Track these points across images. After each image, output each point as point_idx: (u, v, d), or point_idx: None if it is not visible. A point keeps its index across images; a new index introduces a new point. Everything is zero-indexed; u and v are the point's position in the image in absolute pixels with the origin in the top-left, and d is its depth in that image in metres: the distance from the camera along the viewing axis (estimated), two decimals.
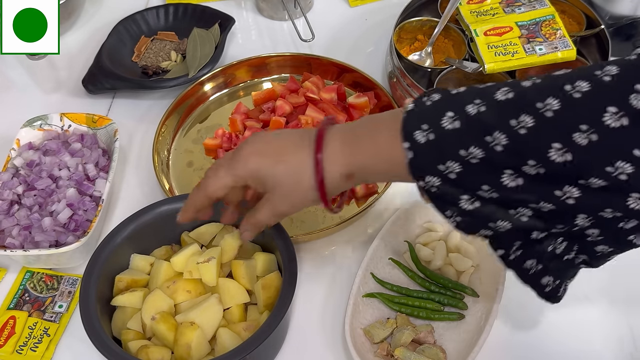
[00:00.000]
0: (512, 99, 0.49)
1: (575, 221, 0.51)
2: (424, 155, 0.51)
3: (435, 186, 0.52)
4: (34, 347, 0.72)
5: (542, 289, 0.58)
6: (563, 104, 0.47)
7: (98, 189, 0.81)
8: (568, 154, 0.47)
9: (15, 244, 0.76)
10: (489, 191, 0.51)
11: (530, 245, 0.55)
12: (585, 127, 0.46)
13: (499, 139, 0.48)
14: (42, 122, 0.88)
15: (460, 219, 0.53)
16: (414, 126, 0.52)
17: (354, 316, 0.70)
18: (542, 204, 0.50)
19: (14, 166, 0.84)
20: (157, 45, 1.05)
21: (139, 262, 0.72)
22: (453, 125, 0.50)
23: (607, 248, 0.54)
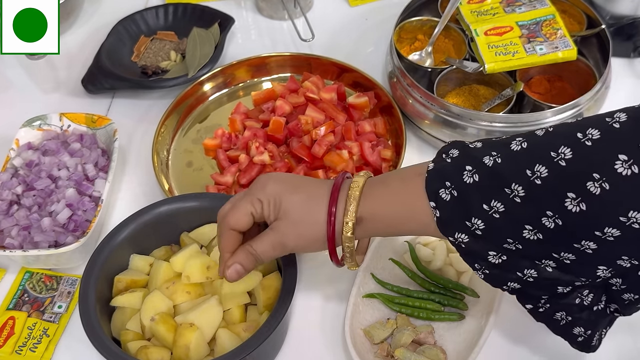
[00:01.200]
0: (526, 148, 0.51)
1: (597, 272, 0.52)
2: (452, 213, 0.53)
3: (464, 243, 0.54)
4: (33, 348, 0.72)
5: (574, 339, 0.58)
6: (575, 152, 0.48)
7: (97, 189, 0.80)
8: (582, 204, 0.48)
9: (14, 244, 0.76)
10: (513, 244, 0.52)
11: (557, 298, 0.56)
12: (598, 176, 0.47)
13: (517, 190, 0.50)
14: (41, 122, 0.88)
15: (489, 272, 0.55)
16: (438, 185, 0.53)
17: (354, 317, 0.70)
18: (564, 255, 0.51)
19: (13, 166, 0.84)
20: (157, 45, 1.04)
21: (138, 263, 0.72)
22: (473, 179, 0.52)
23: (633, 295, 0.55)
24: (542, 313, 0.58)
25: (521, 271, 0.54)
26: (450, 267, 0.75)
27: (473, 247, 0.54)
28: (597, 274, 0.52)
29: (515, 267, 0.54)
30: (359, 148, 0.85)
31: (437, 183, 0.53)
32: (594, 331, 0.58)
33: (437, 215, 0.53)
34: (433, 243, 0.77)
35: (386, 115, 0.91)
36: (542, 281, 0.54)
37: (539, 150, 0.50)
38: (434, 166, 0.55)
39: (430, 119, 0.87)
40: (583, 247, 0.50)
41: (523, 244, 0.52)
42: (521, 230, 0.51)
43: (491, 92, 0.92)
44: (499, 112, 0.85)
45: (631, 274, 0.53)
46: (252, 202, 0.58)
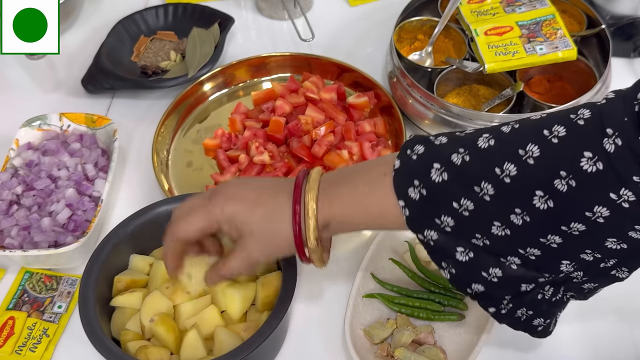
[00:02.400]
0: (493, 146, 0.51)
1: (560, 267, 0.53)
2: (421, 212, 0.54)
3: (433, 240, 0.54)
4: (33, 348, 0.72)
5: (534, 330, 0.59)
6: (542, 150, 0.49)
7: (97, 189, 0.80)
8: (550, 201, 0.49)
9: (14, 244, 0.76)
10: (481, 239, 0.53)
11: (520, 297, 0.56)
12: (564, 174, 0.48)
13: (487, 189, 0.51)
14: (41, 122, 0.88)
15: (455, 272, 0.55)
16: (406, 183, 0.53)
17: (354, 317, 0.70)
18: (529, 250, 0.52)
19: (13, 166, 0.84)
20: (157, 45, 1.04)
21: (138, 263, 0.72)
22: (441, 177, 0.52)
23: (593, 284, 0.56)
24: (505, 315, 0.58)
25: (486, 271, 0.54)
26: None
27: (442, 244, 0.54)
28: (561, 268, 0.53)
29: (480, 266, 0.54)
30: (359, 148, 0.85)
31: (405, 182, 0.53)
32: (551, 319, 0.59)
33: (407, 215, 0.54)
34: None
35: (386, 115, 0.91)
36: (507, 280, 0.54)
37: (507, 148, 0.50)
38: (400, 164, 0.54)
39: (430, 119, 0.87)
40: (549, 242, 0.51)
41: (491, 240, 0.52)
42: (490, 226, 0.52)
43: (491, 92, 0.92)
44: (499, 112, 0.85)
45: (593, 266, 0.53)
46: (209, 221, 0.58)
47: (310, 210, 0.56)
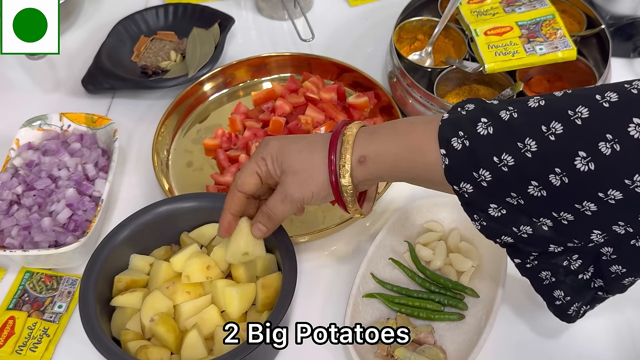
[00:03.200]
0: (544, 106, 0.51)
1: (590, 236, 0.53)
2: (460, 162, 0.53)
3: (468, 193, 0.54)
4: (34, 348, 0.72)
5: (553, 301, 0.59)
6: (592, 112, 0.48)
7: (97, 189, 0.80)
8: (591, 163, 0.48)
9: (14, 244, 0.76)
10: (516, 198, 0.53)
11: (547, 256, 0.57)
12: (610, 137, 0.47)
13: (530, 145, 0.50)
14: (41, 122, 0.88)
15: (486, 224, 0.56)
16: (451, 133, 0.53)
17: (354, 316, 0.70)
18: (562, 215, 0.52)
19: (13, 166, 0.84)
20: (157, 45, 1.04)
21: (138, 263, 0.72)
22: (487, 131, 0.52)
23: (621, 269, 0.55)
24: (529, 269, 0.58)
25: (517, 227, 0.54)
26: (450, 267, 0.75)
27: (476, 198, 0.54)
28: (592, 237, 0.53)
29: (512, 223, 0.54)
30: None
31: (450, 131, 0.53)
32: (573, 299, 0.59)
33: (446, 163, 0.53)
34: (433, 243, 0.77)
35: (386, 115, 0.91)
36: (537, 238, 0.55)
37: (556, 108, 0.50)
38: (449, 117, 0.55)
39: None
40: (583, 208, 0.50)
41: (525, 200, 0.52)
42: (527, 185, 0.51)
43: (491, 92, 0.92)
44: None
45: (624, 242, 0.53)
46: (257, 162, 0.61)
47: (346, 142, 0.57)
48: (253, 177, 0.61)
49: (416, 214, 0.79)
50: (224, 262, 0.69)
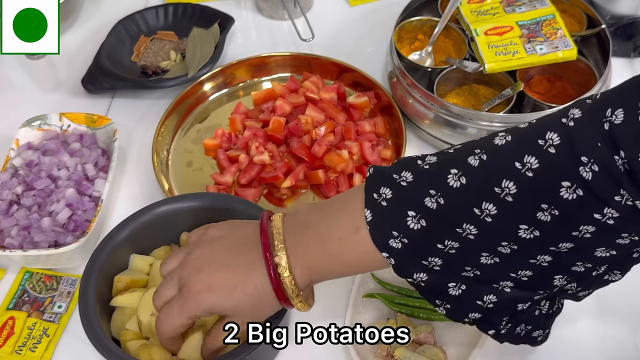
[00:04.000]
0: (466, 185, 0.49)
1: (553, 282, 0.54)
2: (406, 259, 0.52)
3: (423, 281, 0.53)
4: (33, 348, 0.72)
5: (534, 340, 0.60)
6: (519, 187, 0.48)
7: (97, 189, 0.80)
8: (535, 231, 0.49)
9: (14, 244, 0.76)
10: (471, 270, 0.53)
11: (517, 316, 0.57)
12: (546, 206, 0.47)
13: (469, 229, 0.50)
14: (41, 122, 0.88)
15: (450, 307, 0.55)
16: (385, 236, 0.52)
17: (354, 316, 0.70)
18: (520, 273, 0.52)
19: (13, 166, 0.84)
20: (157, 44, 1.04)
21: (138, 263, 0.71)
22: (420, 224, 0.51)
23: (588, 292, 0.58)
24: (505, 334, 0.58)
25: (481, 299, 0.54)
26: None
27: (432, 283, 0.53)
28: (554, 283, 0.53)
29: (475, 296, 0.54)
30: (359, 148, 0.85)
31: (383, 235, 0.51)
32: (549, 327, 0.61)
33: (393, 264, 0.52)
34: None
35: (386, 115, 0.91)
36: (503, 303, 0.54)
37: (481, 187, 0.49)
38: (372, 216, 0.52)
39: (430, 119, 0.87)
40: (539, 262, 0.51)
41: (481, 270, 0.52)
42: (478, 258, 0.51)
43: (491, 92, 0.92)
44: (499, 112, 0.85)
45: (586, 276, 0.54)
46: (189, 318, 0.57)
47: (288, 281, 0.55)
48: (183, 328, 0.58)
49: None
50: None
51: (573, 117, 0.47)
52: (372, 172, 0.53)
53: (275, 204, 0.84)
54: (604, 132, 0.45)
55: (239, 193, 0.84)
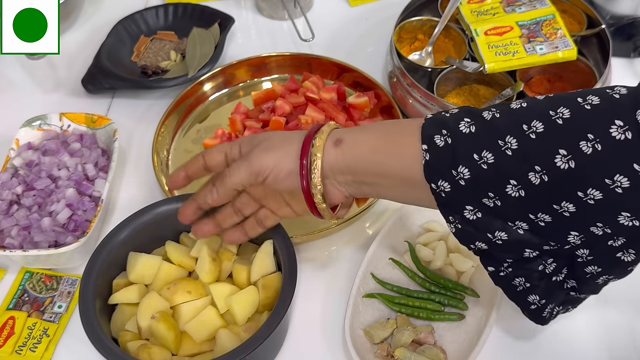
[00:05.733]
0: (525, 107, 0.52)
1: (568, 238, 0.53)
2: (440, 159, 0.53)
3: (445, 191, 0.53)
4: (33, 348, 0.72)
5: (528, 306, 0.59)
6: (573, 113, 0.49)
7: (97, 189, 0.80)
8: (572, 161, 0.48)
9: (14, 244, 0.76)
10: (493, 199, 0.53)
11: (522, 263, 0.56)
12: (592, 137, 0.48)
13: (510, 143, 0.51)
14: (41, 122, 0.88)
15: (461, 227, 0.55)
16: (434, 130, 0.54)
17: (354, 316, 0.70)
18: (540, 216, 0.52)
19: (13, 166, 0.84)
20: (157, 44, 1.04)
21: (138, 262, 0.71)
22: (470, 129, 0.53)
23: (597, 268, 0.56)
24: (502, 277, 0.58)
25: (492, 232, 0.54)
26: (450, 267, 0.75)
27: (453, 197, 0.54)
28: (568, 239, 0.53)
29: (487, 228, 0.54)
30: None
31: (433, 129, 0.54)
32: (547, 301, 0.59)
33: (426, 159, 0.53)
34: (433, 243, 0.77)
35: (386, 115, 0.91)
36: (511, 243, 0.55)
37: (538, 109, 0.51)
38: (433, 116, 0.55)
39: None
40: (562, 209, 0.51)
41: (503, 201, 0.52)
42: (505, 184, 0.51)
43: (491, 92, 0.92)
44: None
45: (600, 243, 0.53)
46: (231, 145, 0.62)
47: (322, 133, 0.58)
48: (220, 155, 0.63)
49: (416, 214, 0.79)
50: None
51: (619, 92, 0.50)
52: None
53: None
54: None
55: None
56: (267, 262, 0.69)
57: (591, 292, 0.59)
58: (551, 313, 0.60)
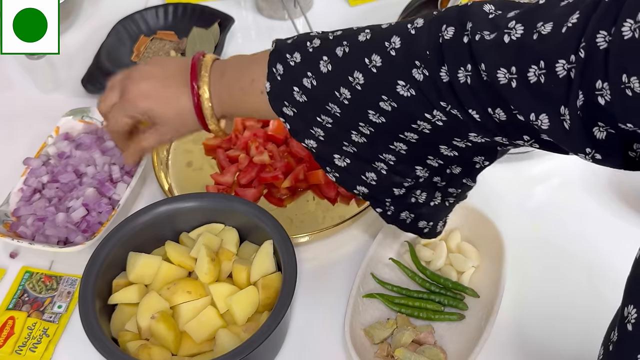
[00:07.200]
0: (332, 72, 0.57)
1: (416, 172, 0.62)
2: (297, 125, 0.61)
3: (314, 148, 0.62)
4: (33, 348, 0.72)
5: (422, 231, 0.68)
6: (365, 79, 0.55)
7: (118, 193, 0.80)
8: (381, 117, 0.56)
9: (26, 234, 0.76)
10: (349, 146, 0.61)
11: (398, 199, 0.64)
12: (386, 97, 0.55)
13: (335, 108, 0.58)
14: (84, 115, 0.89)
15: (338, 175, 0.63)
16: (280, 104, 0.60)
17: (354, 317, 0.70)
18: (386, 156, 0.60)
19: (47, 154, 0.84)
20: (157, 44, 1.04)
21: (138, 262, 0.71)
22: (302, 99, 0.59)
23: (456, 189, 0.66)
24: (390, 216, 0.66)
25: (364, 174, 0.62)
26: (450, 267, 0.75)
27: (321, 151, 0.62)
28: (417, 173, 0.62)
29: (359, 170, 0.62)
30: None
31: (279, 103, 0.60)
32: (436, 221, 0.68)
33: (289, 128, 0.62)
34: (433, 243, 0.77)
35: None
36: (382, 183, 0.62)
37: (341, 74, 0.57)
38: (270, 87, 0.60)
39: None
40: (397, 149, 0.59)
41: (355, 146, 0.60)
42: (349, 135, 0.59)
43: None
44: None
45: (443, 171, 0.63)
46: (129, 116, 0.68)
47: (207, 104, 0.65)
48: (126, 126, 0.69)
49: None
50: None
51: (416, 27, 0.54)
52: (273, 48, 0.61)
53: (275, 203, 0.84)
54: (437, 44, 0.52)
55: (239, 193, 0.84)
56: (267, 262, 0.69)
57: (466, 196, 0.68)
58: (443, 224, 0.70)
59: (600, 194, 0.84)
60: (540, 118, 0.48)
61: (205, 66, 0.65)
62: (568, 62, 0.45)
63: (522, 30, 0.48)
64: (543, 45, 0.46)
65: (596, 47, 0.43)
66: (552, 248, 0.79)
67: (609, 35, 0.42)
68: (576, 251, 0.78)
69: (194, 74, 0.65)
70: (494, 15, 0.51)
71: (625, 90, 0.42)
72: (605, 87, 0.43)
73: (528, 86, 0.47)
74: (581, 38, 0.44)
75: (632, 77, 0.41)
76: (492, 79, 0.49)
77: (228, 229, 0.74)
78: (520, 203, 0.84)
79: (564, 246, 0.78)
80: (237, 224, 0.74)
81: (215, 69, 0.65)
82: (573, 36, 0.45)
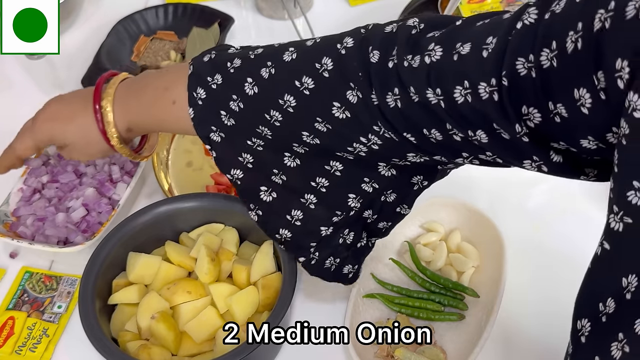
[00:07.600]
0: (259, 94, 0.56)
1: (348, 202, 0.59)
2: (224, 152, 0.59)
3: (239, 179, 0.60)
4: (33, 348, 0.72)
5: (345, 277, 0.65)
6: (298, 101, 0.54)
7: (118, 193, 0.80)
8: (316, 139, 0.55)
9: (26, 234, 0.76)
10: (278, 175, 0.59)
11: (324, 242, 0.61)
12: (321, 119, 0.54)
13: (265, 131, 0.56)
14: None
15: (261, 213, 0.61)
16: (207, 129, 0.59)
17: (354, 316, 0.70)
18: (318, 181, 0.59)
19: (47, 153, 0.84)
20: (157, 44, 1.04)
21: (138, 262, 0.71)
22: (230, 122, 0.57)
23: (387, 223, 0.64)
24: (314, 265, 0.62)
25: (289, 213, 0.60)
26: (450, 267, 0.75)
27: (247, 182, 0.60)
28: (349, 203, 0.60)
29: (284, 207, 0.60)
30: None
31: (205, 128, 0.59)
32: (359, 264, 0.66)
33: (215, 156, 0.60)
34: (433, 243, 0.77)
35: None
36: (309, 221, 0.60)
37: (270, 96, 0.55)
38: (194, 112, 0.58)
39: None
40: (333, 170, 0.58)
41: (287, 174, 0.59)
42: (282, 158, 0.58)
43: None
44: None
45: (376, 200, 0.61)
46: (35, 141, 0.67)
47: (108, 117, 0.62)
48: (29, 151, 0.68)
49: (416, 214, 0.79)
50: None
51: (346, 46, 0.52)
52: (192, 71, 0.59)
53: None
54: (367, 65, 0.51)
55: None
56: (267, 262, 0.69)
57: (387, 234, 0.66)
58: (360, 267, 0.66)
59: (600, 194, 0.84)
60: (477, 134, 0.48)
61: (113, 83, 0.63)
62: (489, 85, 0.45)
63: (441, 52, 0.48)
64: (464, 66, 0.46)
65: (517, 74, 0.43)
66: (552, 248, 0.78)
67: (528, 62, 0.43)
68: (576, 251, 0.78)
69: (97, 92, 0.63)
70: (416, 31, 0.50)
71: (554, 117, 0.42)
72: (532, 111, 0.44)
73: (456, 106, 0.47)
74: (501, 62, 0.44)
75: (558, 104, 0.42)
76: (424, 100, 0.49)
77: (228, 229, 0.74)
78: (520, 203, 0.84)
79: (564, 246, 0.78)
80: (237, 224, 0.74)
81: (123, 85, 0.63)
82: (491, 59, 0.45)
